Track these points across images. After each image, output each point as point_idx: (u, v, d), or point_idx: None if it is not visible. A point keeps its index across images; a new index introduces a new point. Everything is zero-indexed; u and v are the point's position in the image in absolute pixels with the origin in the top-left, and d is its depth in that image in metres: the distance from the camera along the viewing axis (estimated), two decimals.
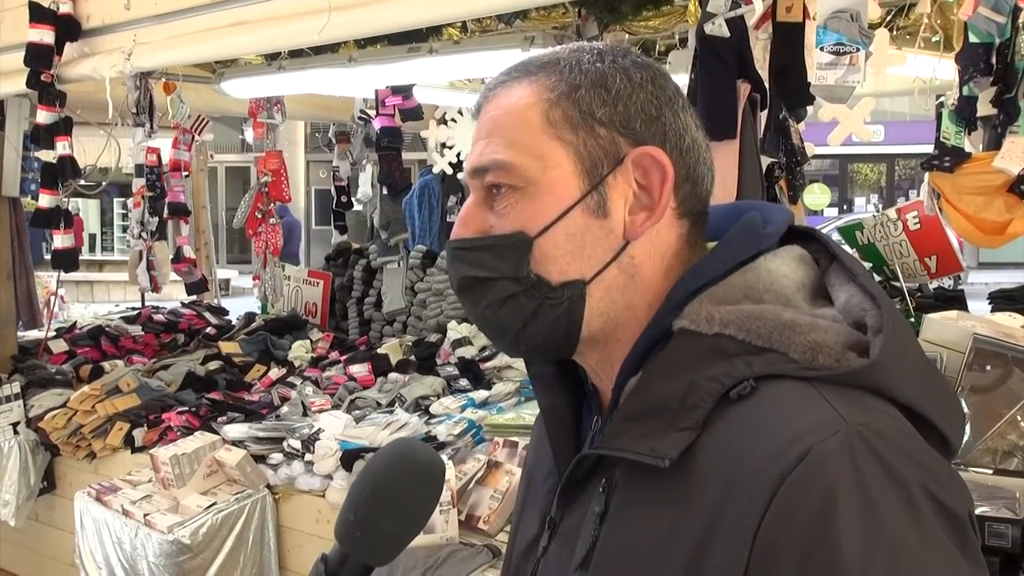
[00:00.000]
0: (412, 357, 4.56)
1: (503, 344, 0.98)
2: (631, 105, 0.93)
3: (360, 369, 4.43)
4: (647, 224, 0.93)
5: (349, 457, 3.35)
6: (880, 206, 22.74)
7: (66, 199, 4.61)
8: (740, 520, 0.77)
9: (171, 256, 5.08)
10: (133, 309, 6.42)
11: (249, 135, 5.55)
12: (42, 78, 4.14)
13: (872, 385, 0.82)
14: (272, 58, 4.57)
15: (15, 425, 4.40)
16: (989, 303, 3.93)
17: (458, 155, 4.58)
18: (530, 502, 1.08)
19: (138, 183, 4.95)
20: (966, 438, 2.24)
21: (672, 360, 0.88)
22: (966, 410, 2.34)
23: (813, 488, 0.75)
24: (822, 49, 2.41)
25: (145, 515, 3.48)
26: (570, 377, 1.03)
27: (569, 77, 0.94)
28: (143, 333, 5.58)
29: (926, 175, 3.16)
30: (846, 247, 0.98)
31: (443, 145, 4.60)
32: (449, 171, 4.72)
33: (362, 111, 5.53)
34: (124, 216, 19.60)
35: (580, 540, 0.91)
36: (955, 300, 3.84)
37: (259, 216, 5.32)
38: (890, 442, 0.78)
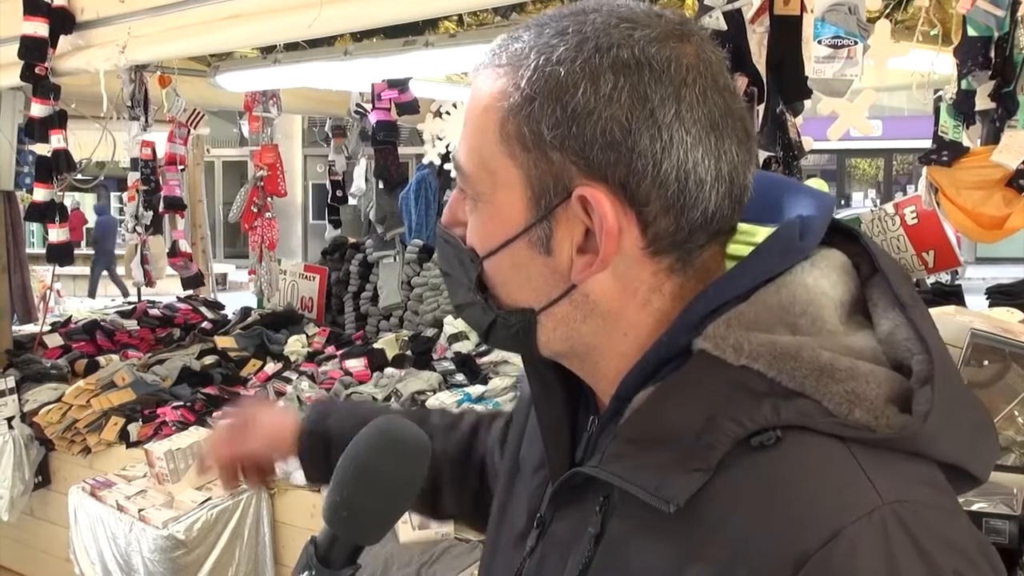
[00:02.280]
0: (408, 352, 4.55)
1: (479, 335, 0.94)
2: (589, 126, 0.77)
3: (356, 364, 4.42)
4: (591, 271, 0.81)
5: None
6: (878, 201, 22.77)
7: (61, 193, 4.59)
8: None
9: (167, 250, 5.07)
10: (129, 303, 6.40)
11: (245, 129, 5.53)
12: (36, 71, 4.13)
13: (911, 449, 0.75)
14: (267, 51, 4.55)
15: (10, 420, 4.39)
16: (986, 298, 3.93)
17: (447, 147, 4.56)
18: (519, 491, 1.02)
19: (133, 177, 4.94)
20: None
21: (690, 386, 0.79)
22: None
23: (839, 575, 0.68)
24: (820, 42, 2.40)
25: (139, 510, 3.47)
26: (568, 371, 0.95)
27: (527, 82, 0.80)
28: (139, 328, 5.57)
29: (924, 170, 3.15)
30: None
31: (437, 137, 4.59)
32: (438, 162, 4.70)
33: (358, 105, 5.51)
34: (121, 210, 19.59)
35: (573, 556, 0.85)
36: (953, 295, 3.83)
37: (255, 211, 5.30)
38: (927, 524, 0.71)
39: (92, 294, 15.27)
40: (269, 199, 5.39)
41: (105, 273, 15.62)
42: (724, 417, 0.75)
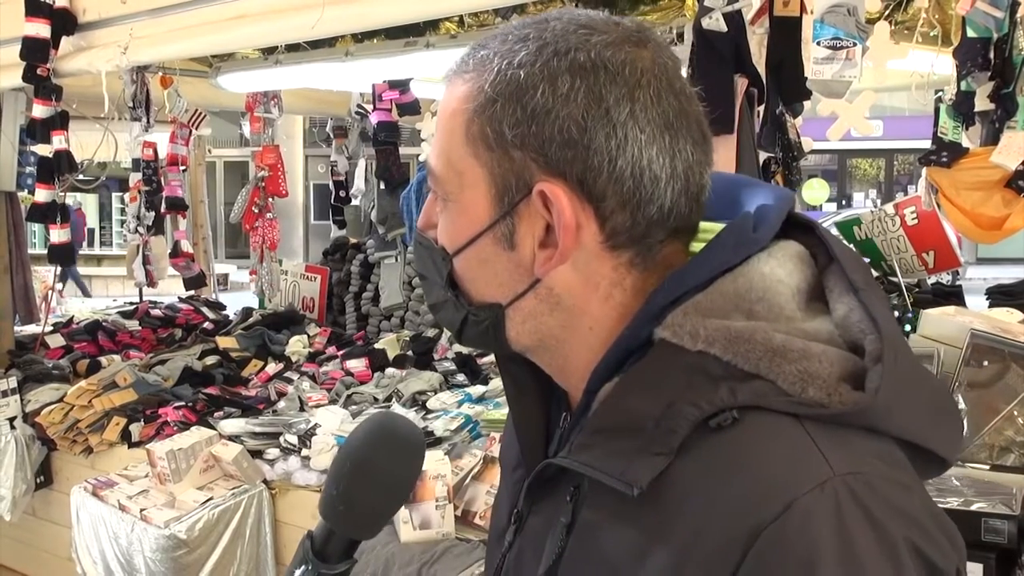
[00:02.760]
0: (409, 352, 4.56)
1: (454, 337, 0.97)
2: (547, 125, 0.81)
3: (357, 364, 4.43)
4: (552, 264, 0.85)
5: None
6: (879, 201, 22.76)
7: (62, 193, 4.60)
8: (711, 569, 0.73)
9: (169, 250, 5.08)
10: (130, 304, 6.41)
11: (247, 129, 5.54)
12: (38, 72, 4.14)
13: (865, 424, 0.77)
14: (269, 52, 4.56)
15: (12, 420, 4.40)
16: (987, 299, 3.93)
17: None
18: (502, 490, 1.06)
19: (135, 178, 4.95)
20: (963, 433, 2.24)
21: (650, 374, 0.82)
22: (963, 406, 2.34)
23: (793, 544, 0.70)
24: (819, 44, 2.40)
25: (141, 510, 3.48)
26: (540, 369, 0.97)
27: (490, 84, 0.84)
28: (140, 328, 5.58)
29: (924, 170, 3.16)
30: (844, 242, 0.91)
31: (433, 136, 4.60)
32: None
33: (359, 105, 5.52)
34: (123, 211, 19.62)
35: (547, 547, 0.88)
36: (953, 296, 3.83)
37: (256, 211, 5.31)
38: (879, 494, 0.73)
39: (86, 292, 15.27)
40: (270, 199, 5.40)
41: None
42: (683, 402, 0.78)
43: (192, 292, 6.04)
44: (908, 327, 2.76)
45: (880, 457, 0.77)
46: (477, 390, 3.92)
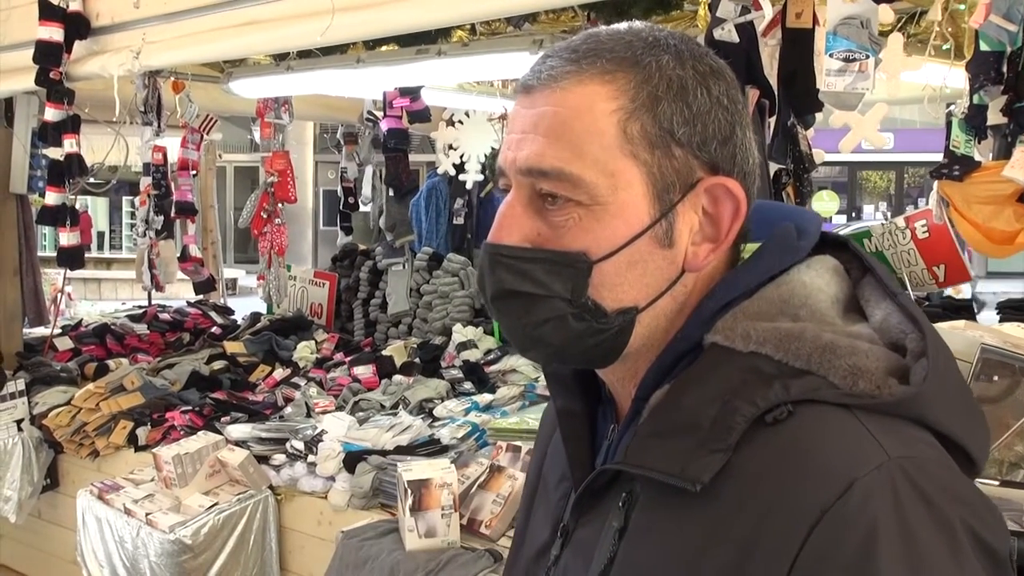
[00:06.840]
0: (417, 359, 4.55)
1: (534, 356, 0.93)
2: (709, 124, 0.86)
3: (364, 371, 4.43)
4: (710, 257, 0.88)
5: (352, 459, 3.34)
6: (889, 214, 22.73)
7: (73, 197, 4.61)
8: (775, 553, 0.75)
9: (177, 255, 5.09)
10: (139, 307, 6.43)
11: (257, 135, 5.55)
12: (51, 75, 4.15)
13: (913, 415, 0.80)
14: (281, 58, 4.57)
15: (19, 422, 4.41)
16: (997, 313, 3.91)
17: (461, 156, 4.55)
18: (541, 505, 1.04)
19: (145, 182, 4.97)
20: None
21: (704, 376, 0.84)
22: None
23: (854, 523, 0.73)
24: (831, 56, 2.39)
25: (147, 514, 3.48)
26: (587, 379, 0.98)
27: (651, 84, 0.85)
28: (148, 332, 5.59)
29: (935, 184, 3.15)
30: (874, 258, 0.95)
31: (449, 147, 4.58)
32: (452, 172, 4.69)
33: (370, 112, 5.53)
34: (132, 214, 19.66)
35: (597, 554, 0.88)
36: (963, 310, 3.82)
37: (265, 216, 5.32)
38: (932, 477, 0.76)
39: None
40: (279, 205, 5.40)
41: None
42: (739, 399, 0.80)
43: (201, 296, 6.05)
44: None
45: (929, 444, 0.80)
46: (484, 398, 3.91)
